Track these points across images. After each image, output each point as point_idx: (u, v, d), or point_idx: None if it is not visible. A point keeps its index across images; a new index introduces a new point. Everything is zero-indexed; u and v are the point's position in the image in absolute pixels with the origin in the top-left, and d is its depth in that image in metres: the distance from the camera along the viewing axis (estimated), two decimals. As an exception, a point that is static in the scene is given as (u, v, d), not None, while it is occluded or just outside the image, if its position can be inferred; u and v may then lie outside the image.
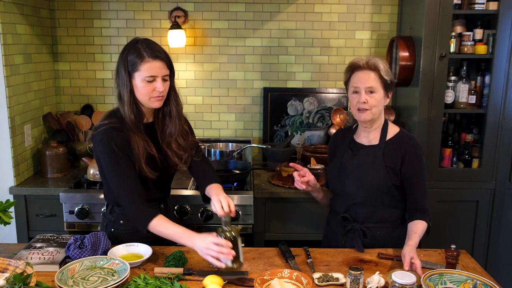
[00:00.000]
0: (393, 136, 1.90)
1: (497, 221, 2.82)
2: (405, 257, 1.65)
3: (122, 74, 1.75)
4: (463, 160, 2.86)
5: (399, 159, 1.85)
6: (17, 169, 2.65)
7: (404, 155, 1.85)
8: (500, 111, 2.70)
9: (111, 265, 1.65)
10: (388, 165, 1.85)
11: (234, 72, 3.20)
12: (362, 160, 1.90)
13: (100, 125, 1.79)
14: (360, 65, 1.84)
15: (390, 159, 1.86)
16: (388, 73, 1.84)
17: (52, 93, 3.14)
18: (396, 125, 1.96)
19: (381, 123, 1.92)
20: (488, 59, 2.72)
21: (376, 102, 1.83)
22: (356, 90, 1.84)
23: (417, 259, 1.63)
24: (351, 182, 1.91)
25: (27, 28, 2.78)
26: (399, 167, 1.85)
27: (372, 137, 1.92)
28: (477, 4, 2.63)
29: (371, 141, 1.92)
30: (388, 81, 1.84)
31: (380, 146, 1.88)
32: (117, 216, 1.92)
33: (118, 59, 1.79)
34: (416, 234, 1.76)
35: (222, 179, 2.57)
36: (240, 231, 2.52)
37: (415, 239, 1.74)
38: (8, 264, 1.53)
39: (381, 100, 1.84)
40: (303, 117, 3.23)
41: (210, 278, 1.56)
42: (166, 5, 3.10)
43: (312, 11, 3.13)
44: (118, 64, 1.78)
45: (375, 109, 1.84)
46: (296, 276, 1.59)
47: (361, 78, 1.83)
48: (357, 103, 1.83)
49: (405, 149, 1.85)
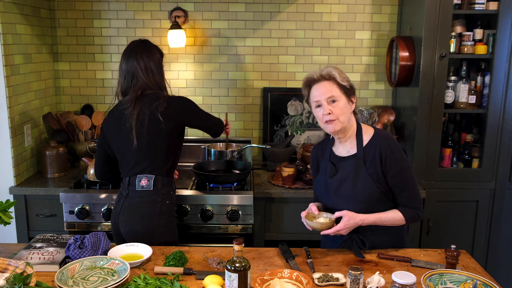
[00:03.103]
0: (368, 140, 1.85)
1: (497, 221, 2.82)
2: (342, 215, 1.74)
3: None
4: (463, 160, 2.86)
5: (378, 163, 1.80)
6: (17, 169, 2.65)
7: (381, 157, 1.80)
8: (500, 111, 2.70)
9: (111, 265, 1.65)
10: (371, 172, 1.81)
11: (234, 72, 3.20)
12: (345, 173, 1.86)
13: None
14: (315, 78, 1.82)
15: (371, 166, 1.81)
16: (345, 79, 1.81)
17: (52, 93, 3.14)
18: (369, 126, 1.91)
19: (354, 129, 1.88)
20: (488, 59, 2.72)
21: (341, 111, 1.79)
22: (318, 103, 1.81)
23: (343, 229, 1.73)
24: (339, 199, 1.86)
25: (27, 28, 2.78)
26: (381, 171, 1.80)
27: (349, 146, 1.88)
28: (477, 4, 2.63)
29: (349, 151, 1.88)
30: (347, 86, 1.81)
31: (358, 154, 1.84)
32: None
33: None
34: (375, 215, 1.78)
35: (222, 179, 2.60)
36: (240, 231, 2.52)
37: (369, 217, 1.77)
38: (8, 264, 1.53)
39: (346, 107, 1.80)
40: (303, 117, 3.23)
41: (210, 278, 1.56)
42: (166, 5, 3.10)
43: (312, 11, 3.13)
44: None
45: (342, 117, 1.79)
46: (296, 276, 1.59)
47: (320, 91, 1.80)
48: (322, 116, 1.80)
49: (379, 151, 1.80)
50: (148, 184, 2.08)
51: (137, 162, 2.09)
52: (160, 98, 2.05)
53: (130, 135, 2.04)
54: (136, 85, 2.08)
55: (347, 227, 1.75)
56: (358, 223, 1.77)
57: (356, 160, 1.84)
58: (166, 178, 2.12)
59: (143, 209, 2.07)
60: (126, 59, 2.10)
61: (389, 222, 1.81)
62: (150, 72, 2.07)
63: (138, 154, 2.07)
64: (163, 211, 2.08)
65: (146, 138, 2.04)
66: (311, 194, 2.57)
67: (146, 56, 2.07)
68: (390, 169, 1.80)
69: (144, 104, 2.04)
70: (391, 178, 1.81)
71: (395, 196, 1.85)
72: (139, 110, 2.03)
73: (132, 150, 2.06)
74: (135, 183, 2.09)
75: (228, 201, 2.49)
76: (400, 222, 1.82)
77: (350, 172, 1.84)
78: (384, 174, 1.81)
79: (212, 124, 2.28)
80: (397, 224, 1.82)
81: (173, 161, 2.15)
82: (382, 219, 1.80)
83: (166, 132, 2.05)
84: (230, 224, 2.51)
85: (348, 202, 1.84)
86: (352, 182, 1.83)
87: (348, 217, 1.75)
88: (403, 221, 1.82)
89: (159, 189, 2.09)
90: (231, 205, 2.49)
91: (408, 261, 1.77)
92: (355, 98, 1.85)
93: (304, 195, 2.59)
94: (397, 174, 1.80)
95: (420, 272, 1.63)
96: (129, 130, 2.04)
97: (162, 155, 2.09)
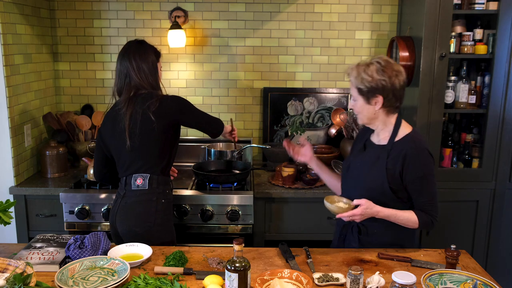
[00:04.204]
0: (401, 137, 1.85)
1: (497, 221, 2.82)
2: (361, 203, 1.75)
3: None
4: (463, 160, 2.86)
5: (400, 163, 1.80)
6: (17, 169, 2.65)
7: (405, 158, 1.79)
8: (500, 111, 2.70)
9: (111, 265, 1.65)
10: (390, 167, 1.81)
11: (234, 72, 3.20)
12: (366, 159, 1.90)
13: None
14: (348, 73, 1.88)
15: (392, 162, 1.81)
16: (363, 81, 1.78)
17: (52, 93, 3.14)
18: (409, 125, 1.90)
19: (389, 125, 1.87)
20: (488, 59, 2.72)
21: (358, 109, 1.85)
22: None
23: (359, 215, 1.75)
24: (351, 181, 1.94)
25: (27, 28, 2.78)
26: (400, 171, 1.80)
27: (382, 137, 1.90)
28: (477, 4, 2.63)
29: (380, 141, 1.90)
30: (364, 89, 1.79)
31: (387, 147, 1.85)
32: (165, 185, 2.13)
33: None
34: (392, 211, 1.80)
35: (222, 179, 2.60)
36: (240, 231, 2.52)
37: (385, 210, 1.79)
38: (8, 264, 1.53)
39: (363, 108, 1.83)
40: (303, 117, 3.23)
41: (210, 278, 1.55)
42: (166, 5, 3.10)
43: (312, 11, 3.13)
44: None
45: (360, 115, 1.86)
46: (296, 276, 1.59)
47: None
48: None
49: (406, 152, 1.79)
50: (143, 183, 2.08)
51: (132, 161, 2.09)
52: (153, 98, 2.06)
53: (123, 135, 2.05)
54: (129, 85, 2.09)
55: (363, 213, 1.76)
56: (374, 213, 1.78)
57: (382, 151, 1.85)
58: (161, 177, 2.12)
59: (139, 208, 2.07)
60: (120, 59, 2.12)
61: (403, 221, 1.82)
62: (143, 73, 2.08)
63: (132, 154, 2.08)
64: (159, 210, 2.09)
65: (139, 138, 2.05)
66: (311, 194, 2.58)
67: (139, 56, 2.08)
68: (411, 172, 1.79)
69: (137, 104, 2.05)
70: (412, 182, 1.80)
71: (413, 200, 1.85)
72: (132, 110, 2.04)
73: (127, 150, 2.07)
74: (131, 183, 2.10)
75: (228, 201, 2.49)
76: (413, 224, 1.82)
77: (371, 159, 1.88)
78: (402, 175, 1.81)
79: (208, 123, 2.26)
80: (409, 225, 1.83)
81: (168, 159, 2.15)
82: (398, 216, 1.80)
83: (159, 131, 2.05)
84: (230, 224, 2.51)
85: (355, 187, 1.89)
86: (368, 169, 1.86)
87: (366, 205, 1.76)
88: (416, 224, 1.82)
89: (154, 188, 2.09)
90: (231, 205, 2.49)
91: (408, 261, 1.77)
92: (381, 97, 1.78)
93: (304, 195, 2.59)
94: (418, 178, 1.80)
95: (420, 272, 1.63)
96: (123, 130, 2.05)
97: (156, 154, 2.09)
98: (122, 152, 2.10)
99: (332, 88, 3.21)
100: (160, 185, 2.11)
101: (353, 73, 1.82)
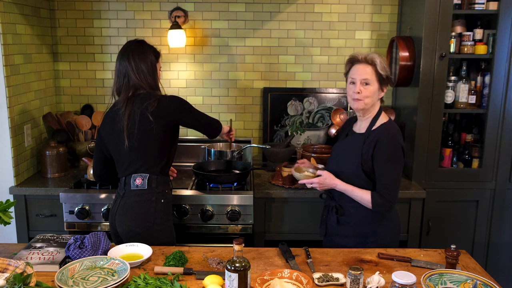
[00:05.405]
0: (378, 126, 2.01)
1: (497, 221, 2.82)
2: (322, 174, 2.02)
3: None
4: (463, 160, 2.86)
5: (372, 147, 1.96)
6: (17, 169, 2.65)
7: (376, 142, 1.95)
8: (500, 111, 2.70)
9: (111, 265, 1.65)
10: (364, 152, 1.98)
11: (234, 72, 3.20)
12: (347, 145, 2.08)
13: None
14: (359, 59, 1.99)
15: (366, 147, 1.98)
16: (384, 69, 1.97)
17: (52, 93, 3.14)
18: (388, 116, 2.06)
19: (373, 114, 2.04)
20: (488, 59, 2.72)
21: (369, 93, 1.97)
22: (353, 81, 2.00)
23: (317, 184, 2.02)
24: (333, 165, 2.12)
25: (27, 28, 2.78)
26: (372, 154, 1.95)
27: (362, 126, 2.07)
28: (477, 4, 2.63)
29: (360, 129, 2.07)
30: (384, 76, 1.97)
31: (365, 134, 2.02)
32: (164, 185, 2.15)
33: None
34: (349, 186, 1.99)
35: (222, 179, 2.60)
36: (240, 231, 2.52)
37: (343, 185, 1.99)
38: (8, 264, 1.53)
39: (375, 92, 1.98)
40: (303, 117, 3.23)
41: (210, 278, 1.56)
42: (166, 5, 3.10)
43: (312, 11, 3.13)
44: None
45: (367, 99, 1.97)
46: (296, 276, 1.59)
47: (358, 71, 1.98)
48: (352, 92, 1.99)
49: (378, 137, 1.96)
50: (143, 183, 2.08)
51: (131, 162, 2.09)
52: (151, 98, 2.06)
53: (122, 135, 2.05)
54: (128, 85, 2.09)
55: (321, 182, 2.03)
56: (332, 185, 2.02)
57: (360, 138, 2.03)
58: (160, 176, 2.12)
59: (138, 208, 2.07)
60: (119, 59, 2.12)
61: (357, 198, 1.98)
62: (141, 73, 2.08)
63: (131, 154, 2.08)
64: (158, 209, 2.09)
65: (138, 138, 2.05)
66: (311, 194, 2.58)
67: (138, 56, 2.08)
68: (378, 155, 1.94)
69: (136, 104, 2.05)
70: (377, 164, 1.95)
71: (376, 181, 1.98)
72: (130, 110, 2.04)
73: (125, 150, 2.07)
74: (130, 183, 2.10)
75: (228, 201, 2.49)
76: (366, 203, 1.96)
77: (350, 146, 2.06)
78: (373, 158, 1.96)
79: (206, 124, 2.26)
80: (364, 203, 1.97)
81: (167, 159, 2.15)
82: (354, 192, 1.99)
83: (157, 131, 2.05)
84: (230, 224, 2.51)
85: (335, 171, 2.07)
86: (347, 155, 2.05)
87: (325, 176, 2.02)
88: (369, 203, 1.95)
89: (153, 188, 2.09)
90: (231, 205, 2.49)
91: (408, 261, 1.78)
92: (387, 89, 2.03)
93: (304, 195, 2.59)
94: (382, 161, 1.94)
95: (420, 272, 1.63)
96: (121, 130, 2.05)
97: (155, 154, 2.09)
98: (121, 152, 2.10)
99: (332, 88, 3.21)
100: (159, 185, 2.11)
101: (376, 60, 1.96)
